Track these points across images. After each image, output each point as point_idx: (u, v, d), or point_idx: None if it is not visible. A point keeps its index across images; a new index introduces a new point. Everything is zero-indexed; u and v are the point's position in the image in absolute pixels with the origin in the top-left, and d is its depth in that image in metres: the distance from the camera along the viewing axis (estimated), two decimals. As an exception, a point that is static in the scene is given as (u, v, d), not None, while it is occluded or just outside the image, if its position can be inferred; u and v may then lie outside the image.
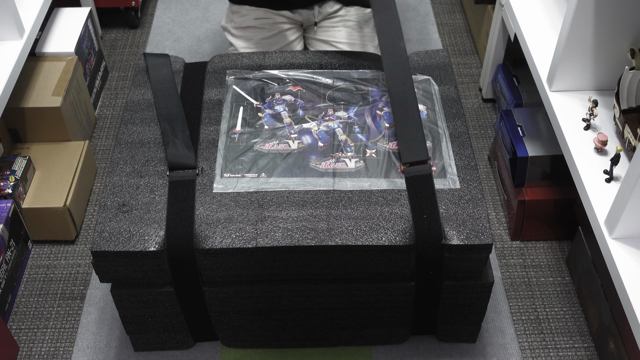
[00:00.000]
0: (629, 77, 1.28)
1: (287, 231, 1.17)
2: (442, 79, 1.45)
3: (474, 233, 1.18)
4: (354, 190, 1.23)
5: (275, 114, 1.37)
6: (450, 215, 1.20)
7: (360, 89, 1.43)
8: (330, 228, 1.18)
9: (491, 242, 1.17)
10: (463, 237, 1.17)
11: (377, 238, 1.17)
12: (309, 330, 1.35)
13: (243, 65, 1.48)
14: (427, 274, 1.22)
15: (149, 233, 1.18)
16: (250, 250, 1.16)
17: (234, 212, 1.20)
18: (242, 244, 1.16)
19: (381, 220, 1.19)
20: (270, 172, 1.27)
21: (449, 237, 1.18)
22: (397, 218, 1.19)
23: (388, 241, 1.16)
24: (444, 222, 1.19)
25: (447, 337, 1.40)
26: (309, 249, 1.16)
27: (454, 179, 1.26)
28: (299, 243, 1.16)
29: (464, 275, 1.24)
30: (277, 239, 1.17)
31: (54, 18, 1.90)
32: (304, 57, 1.50)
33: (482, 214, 1.21)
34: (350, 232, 1.17)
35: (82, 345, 1.44)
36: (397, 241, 1.17)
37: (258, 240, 1.16)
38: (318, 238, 1.16)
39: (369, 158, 1.29)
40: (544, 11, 1.62)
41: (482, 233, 1.18)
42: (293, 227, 1.18)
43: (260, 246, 1.16)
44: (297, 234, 1.17)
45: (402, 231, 1.18)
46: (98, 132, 1.93)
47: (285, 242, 1.16)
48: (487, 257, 1.20)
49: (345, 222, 1.18)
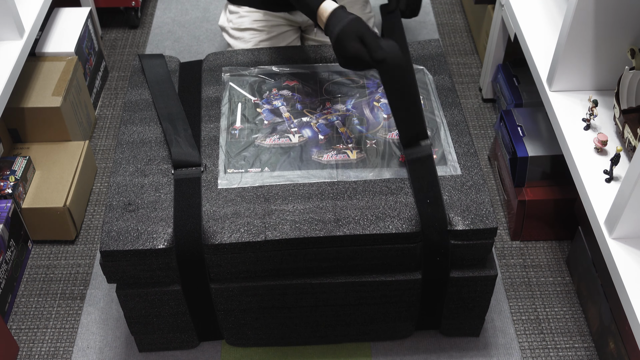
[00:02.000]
0: (629, 77, 1.28)
1: (295, 223, 1.18)
2: (436, 69, 1.47)
3: (479, 218, 1.19)
4: (357, 180, 1.25)
5: (273, 109, 1.38)
6: (454, 202, 1.22)
7: (356, 81, 1.44)
8: (338, 219, 1.19)
9: (496, 226, 1.19)
10: (468, 222, 1.19)
11: (384, 226, 1.18)
12: (314, 327, 1.36)
13: (238, 62, 1.49)
14: (433, 262, 1.23)
15: (157, 231, 1.19)
16: (259, 243, 1.17)
17: (240, 207, 1.21)
18: (251, 238, 1.17)
19: (387, 209, 1.20)
20: (273, 166, 1.27)
21: (454, 222, 1.19)
22: (402, 206, 1.20)
23: (395, 229, 1.18)
24: (448, 208, 1.21)
25: (451, 332, 1.40)
26: (317, 240, 1.17)
27: (454, 165, 1.27)
28: (308, 234, 1.17)
29: (470, 264, 1.25)
30: (285, 232, 1.17)
31: (54, 18, 1.90)
32: (299, 52, 1.51)
33: (485, 198, 1.22)
34: (357, 221, 1.18)
35: (82, 345, 1.44)
36: (404, 228, 1.18)
37: (267, 234, 1.17)
38: (326, 229, 1.17)
39: (370, 148, 1.30)
40: (544, 11, 1.62)
41: (486, 217, 1.19)
42: (301, 219, 1.19)
43: (270, 239, 1.17)
44: (305, 225, 1.18)
45: (408, 219, 1.19)
46: (98, 132, 1.93)
47: (294, 234, 1.17)
48: (491, 244, 1.22)
49: (352, 212, 1.20)
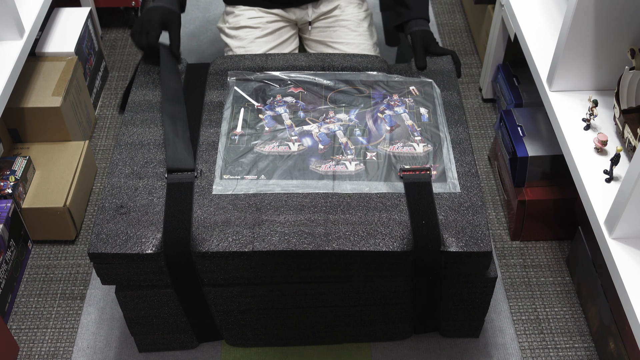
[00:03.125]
0: (629, 77, 1.28)
1: (284, 235, 1.17)
2: (445, 85, 1.44)
3: (473, 240, 1.17)
4: (352, 194, 1.23)
5: (276, 116, 1.37)
6: (449, 222, 1.19)
7: (362, 91, 1.42)
8: (328, 233, 1.17)
9: (490, 250, 1.16)
10: (462, 244, 1.16)
11: (374, 244, 1.16)
12: (313, 327, 1.35)
13: (245, 67, 1.48)
14: (426, 279, 1.22)
15: (146, 235, 1.18)
16: (246, 254, 1.16)
17: (231, 215, 1.20)
18: (238, 248, 1.16)
19: (379, 225, 1.18)
20: (270, 174, 1.26)
21: (447, 243, 1.17)
22: (396, 224, 1.18)
23: (386, 247, 1.16)
24: (443, 228, 1.18)
25: (451, 333, 1.40)
26: (305, 253, 1.16)
27: (454, 183, 1.25)
28: (296, 248, 1.15)
29: (466, 279, 1.24)
30: (273, 243, 1.16)
31: (54, 18, 1.90)
32: (306, 59, 1.49)
33: (482, 221, 1.20)
34: (347, 237, 1.17)
35: (82, 345, 1.44)
36: (395, 247, 1.16)
37: (255, 244, 1.16)
38: (315, 243, 1.16)
39: (369, 161, 1.28)
40: (544, 11, 1.62)
41: (481, 240, 1.17)
42: (290, 231, 1.17)
43: (257, 250, 1.15)
44: (294, 238, 1.16)
45: (399, 237, 1.17)
46: (98, 132, 1.93)
47: (282, 247, 1.15)
48: (488, 263, 1.20)
49: (343, 227, 1.18)
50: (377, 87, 1.43)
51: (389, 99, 1.40)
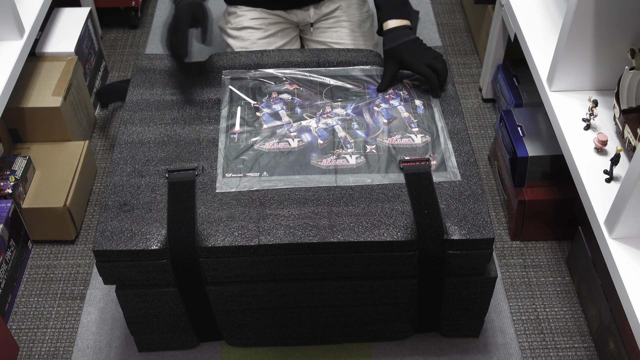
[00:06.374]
0: (629, 77, 1.28)
1: (289, 228, 1.18)
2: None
3: (476, 228, 1.18)
4: (354, 186, 1.24)
5: (273, 113, 1.38)
6: (451, 211, 1.21)
7: (357, 85, 1.44)
8: (332, 225, 1.18)
9: (493, 237, 1.18)
10: (465, 232, 1.18)
11: (378, 234, 1.17)
12: (314, 327, 1.36)
13: (240, 64, 1.48)
14: (429, 271, 1.22)
15: (150, 232, 1.18)
16: (252, 248, 1.17)
17: (235, 211, 1.20)
18: (244, 242, 1.16)
19: (382, 216, 1.19)
20: (272, 170, 1.27)
21: (450, 232, 1.18)
22: (399, 214, 1.20)
23: (390, 237, 1.17)
24: (445, 217, 1.20)
25: (451, 333, 1.40)
26: (311, 246, 1.17)
27: (454, 171, 1.27)
28: (301, 240, 1.16)
29: (468, 272, 1.24)
30: (279, 237, 1.17)
31: (54, 18, 1.90)
32: (301, 55, 1.50)
33: (483, 209, 1.21)
34: (352, 228, 1.18)
35: (82, 345, 1.44)
36: (399, 237, 1.17)
37: (260, 238, 1.17)
38: (320, 235, 1.17)
39: (370, 154, 1.30)
40: (544, 11, 1.62)
41: (483, 227, 1.18)
42: (295, 224, 1.18)
43: (263, 244, 1.16)
44: (299, 231, 1.17)
45: (403, 227, 1.18)
46: (98, 132, 1.93)
47: (288, 240, 1.16)
48: (490, 254, 1.21)
49: (347, 219, 1.19)
50: (372, 80, 1.45)
51: (384, 92, 1.41)
